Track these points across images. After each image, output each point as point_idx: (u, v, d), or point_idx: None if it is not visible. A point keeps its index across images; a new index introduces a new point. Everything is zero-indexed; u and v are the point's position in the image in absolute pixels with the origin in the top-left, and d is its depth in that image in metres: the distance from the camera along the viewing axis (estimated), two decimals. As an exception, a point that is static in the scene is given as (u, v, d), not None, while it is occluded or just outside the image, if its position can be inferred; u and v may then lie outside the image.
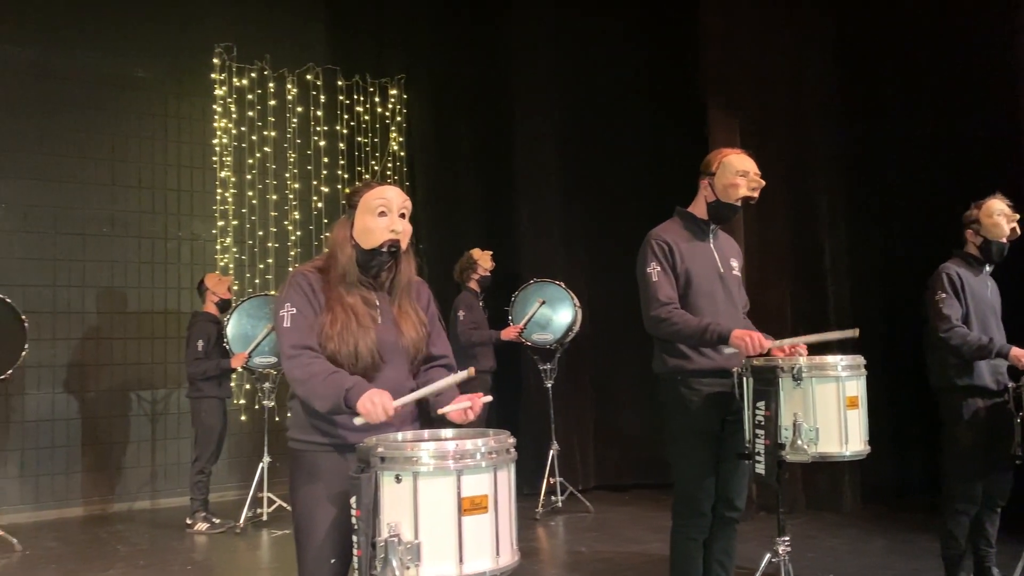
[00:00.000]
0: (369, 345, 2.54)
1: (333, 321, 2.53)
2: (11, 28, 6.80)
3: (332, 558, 2.49)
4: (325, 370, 2.45)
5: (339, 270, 2.60)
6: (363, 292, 2.61)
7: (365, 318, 2.57)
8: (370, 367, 2.53)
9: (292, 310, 2.55)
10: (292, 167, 7.87)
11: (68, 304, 6.95)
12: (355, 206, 2.65)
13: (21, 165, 6.83)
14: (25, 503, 6.67)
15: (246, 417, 7.36)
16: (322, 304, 2.56)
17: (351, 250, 2.61)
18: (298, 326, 2.53)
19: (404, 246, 2.63)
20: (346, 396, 2.39)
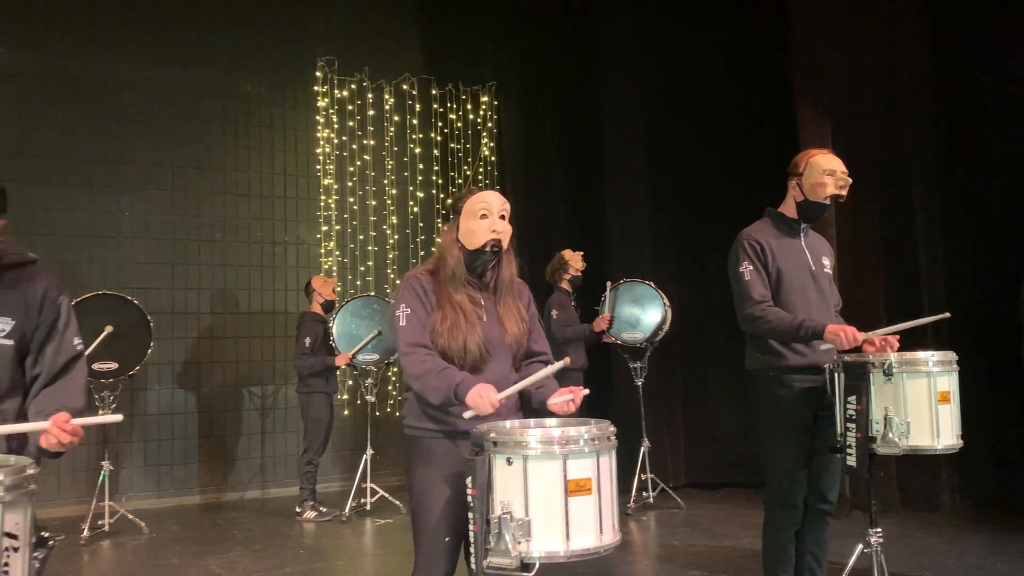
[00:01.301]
0: (477, 341, 2.75)
1: (443, 319, 2.76)
2: (133, 49, 7.32)
3: (446, 536, 2.70)
4: (437, 366, 2.67)
5: (448, 271, 2.83)
6: (469, 291, 2.82)
7: (472, 315, 2.78)
8: (478, 361, 2.75)
9: (407, 310, 2.79)
10: (389, 173, 8.21)
11: (185, 305, 7.44)
12: (459, 211, 2.86)
13: (142, 176, 7.35)
14: (149, 490, 7.18)
15: (349, 411, 7.73)
16: (433, 304, 2.79)
17: (457, 252, 2.83)
18: (412, 325, 2.77)
19: (505, 246, 2.83)
20: (456, 390, 2.60)
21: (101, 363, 5.93)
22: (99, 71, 7.19)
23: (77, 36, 7.12)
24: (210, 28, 7.63)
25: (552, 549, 2.36)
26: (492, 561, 2.36)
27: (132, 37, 7.32)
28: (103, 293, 6.13)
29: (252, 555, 5.44)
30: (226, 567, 5.11)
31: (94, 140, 7.16)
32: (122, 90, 7.28)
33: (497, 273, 2.86)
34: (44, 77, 6.99)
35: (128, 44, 7.30)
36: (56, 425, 2.13)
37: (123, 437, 7.05)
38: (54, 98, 7.02)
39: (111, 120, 7.22)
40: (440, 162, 8.44)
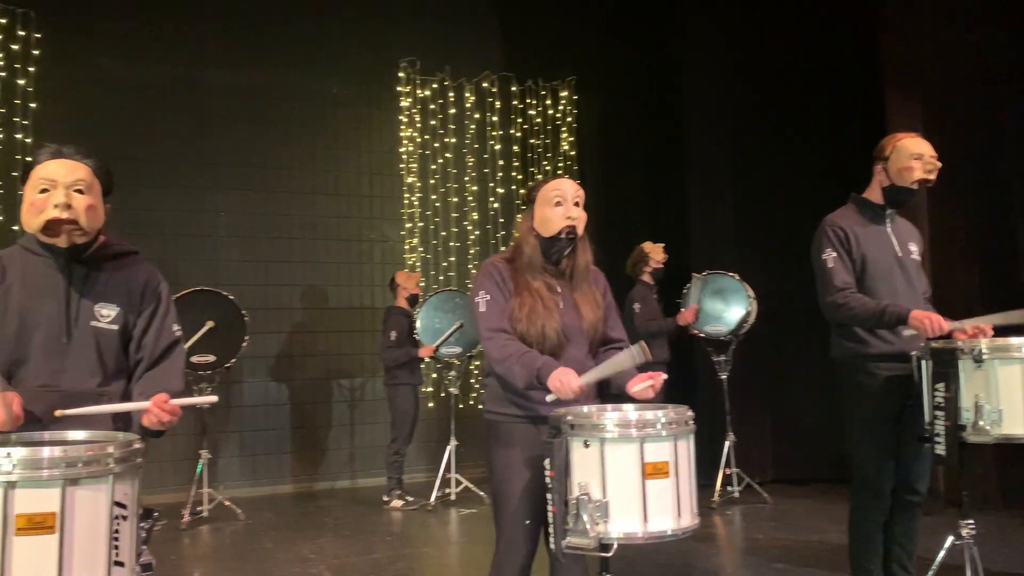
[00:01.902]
0: (555, 327, 2.80)
1: (521, 305, 2.81)
2: (227, 55, 7.63)
3: (527, 519, 2.76)
4: (519, 350, 2.73)
5: (525, 259, 2.88)
6: (546, 279, 2.87)
7: (549, 302, 2.83)
8: (555, 347, 2.79)
9: (487, 296, 2.85)
10: (470, 170, 8.34)
11: (278, 301, 7.72)
12: (534, 200, 2.91)
13: (236, 177, 7.66)
14: (244, 479, 7.48)
15: (434, 404, 7.89)
16: (511, 290, 2.85)
17: (534, 240, 2.87)
18: (492, 311, 2.83)
19: (580, 232, 2.87)
20: (538, 373, 2.65)
21: (200, 356, 6.21)
22: (195, 78, 7.52)
23: (175, 45, 7.46)
24: (299, 34, 7.88)
25: (630, 530, 2.39)
26: (571, 541, 2.41)
27: (226, 44, 7.63)
28: (201, 289, 6.42)
29: (342, 541, 5.62)
30: (317, 552, 5.30)
31: (192, 144, 7.49)
32: (217, 95, 7.60)
33: (573, 260, 2.90)
34: (146, 85, 7.35)
35: (222, 51, 7.61)
36: (156, 405, 2.27)
37: (220, 427, 7.37)
38: (154, 105, 7.38)
39: (207, 124, 7.55)
40: (520, 158, 8.52)
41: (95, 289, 2.39)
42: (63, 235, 2.30)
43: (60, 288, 2.36)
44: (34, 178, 2.31)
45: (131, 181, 7.10)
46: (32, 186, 2.30)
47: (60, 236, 2.30)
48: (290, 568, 4.92)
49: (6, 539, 1.76)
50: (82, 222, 2.30)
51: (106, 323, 2.38)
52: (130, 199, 7.05)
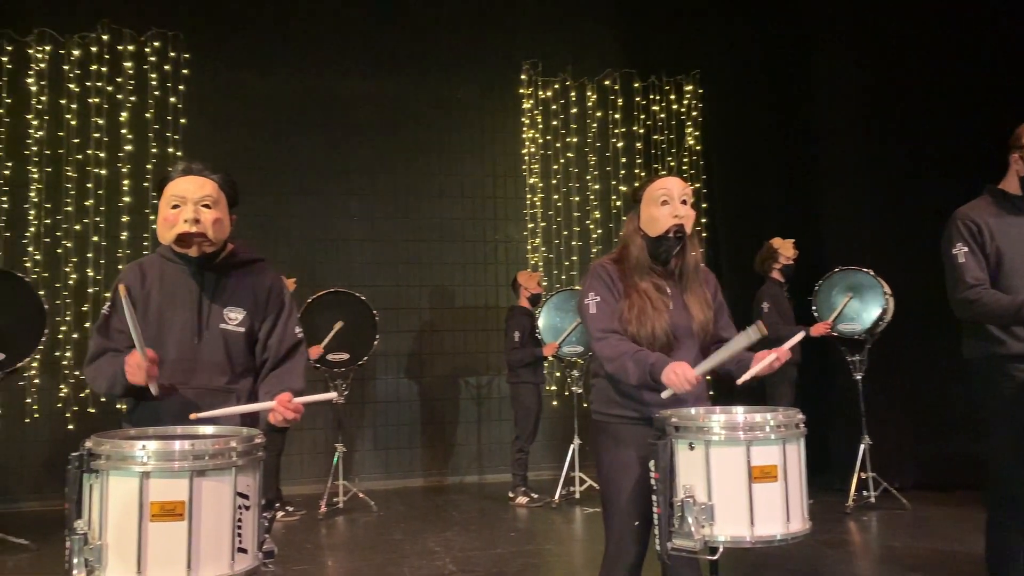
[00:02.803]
0: (664, 327, 2.78)
1: (631, 306, 2.81)
2: (355, 65, 7.95)
3: (636, 520, 2.76)
4: (631, 348, 2.74)
5: (632, 260, 2.87)
6: (654, 279, 2.85)
7: (658, 302, 2.81)
8: (665, 347, 2.77)
9: (596, 298, 2.87)
10: (592, 169, 8.34)
11: (408, 301, 7.99)
12: (640, 199, 2.89)
13: (368, 183, 7.98)
14: (378, 472, 7.78)
15: (558, 403, 7.95)
16: (621, 291, 2.85)
17: (640, 240, 2.86)
18: (602, 312, 2.84)
19: (688, 231, 2.82)
20: (651, 370, 2.65)
21: (334, 354, 6.53)
22: (327, 88, 7.89)
23: (309, 59, 7.84)
24: (426, 43, 8.11)
25: (737, 534, 2.36)
26: (676, 543, 2.41)
27: (355, 55, 7.95)
28: (335, 291, 6.74)
29: (467, 535, 5.76)
30: (443, 545, 5.46)
31: (325, 152, 7.86)
32: (347, 104, 7.94)
33: (682, 260, 2.86)
34: (282, 98, 7.77)
35: (352, 62, 7.94)
36: (280, 404, 2.43)
37: (354, 423, 7.70)
38: (290, 116, 7.78)
39: (339, 133, 7.90)
40: (643, 155, 8.45)
41: (224, 294, 2.58)
42: (193, 247, 2.50)
43: (193, 293, 2.56)
44: (167, 194, 2.52)
45: (269, 189, 7.55)
46: (165, 202, 2.51)
47: (191, 248, 2.50)
48: (417, 560, 5.09)
49: (142, 524, 1.94)
50: (210, 234, 2.49)
51: (234, 325, 2.57)
52: (269, 206, 7.48)
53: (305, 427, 7.46)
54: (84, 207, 7.13)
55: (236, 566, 2.03)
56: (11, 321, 5.39)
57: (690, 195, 2.85)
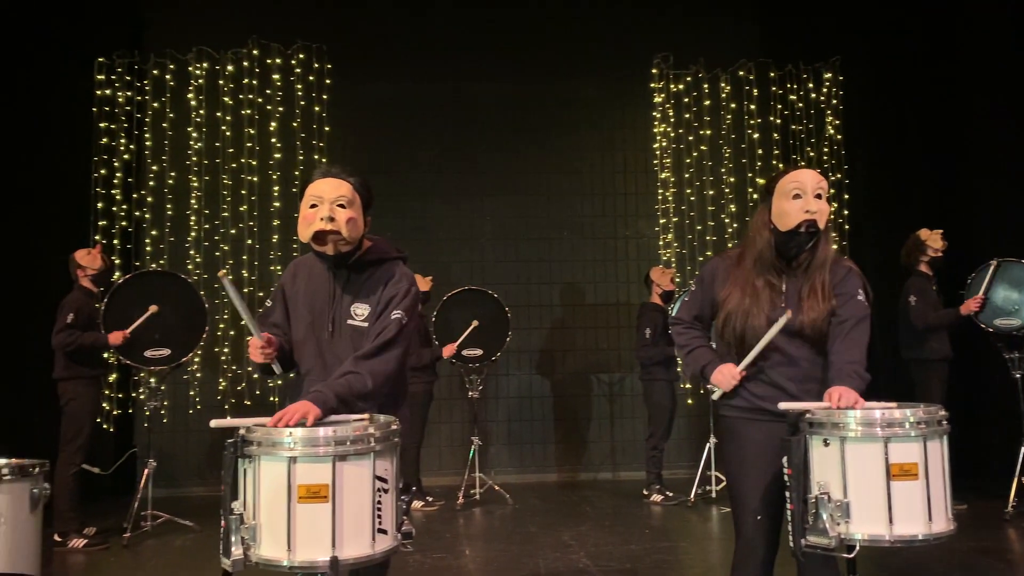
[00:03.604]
0: (756, 326, 2.73)
1: (737, 302, 2.79)
2: (489, 69, 8.13)
3: (759, 514, 2.73)
4: (689, 344, 2.88)
5: (755, 254, 2.81)
6: (770, 277, 2.78)
7: (764, 301, 2.74)
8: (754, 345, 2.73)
9: (692, 288, 2.98)
10: (727, 162, 8.17)
11: (538, 299, 8.10)
12: (772, 192, 2.82)
13: (498, 183, 8.14)
14: (512, 466, 7.92)
15: (693, 400, 7.84)
16: (722, 285, 2.84)
17: (768, 234, 2.79)
18: (687, 302, 2.96)
19: (821, 226, 2.73)
20: (703, 371, 2.80)
21: (468, 350, 6.71)
22: (461, 92, 8.10)
23: (442, 65, 8.07)
24: (555, 43, 8.20)
25: (876, 533, 2.30)
26: (810, 540, 2.36)
27: (487, 59, 8.12)
28: (469, 289, 6.92)
29: (601, 530, 5.78)
30: (577, 539, 5.50)
31: (458, 154, 8.08)
32: (480, 107, 8.13)
33: (812, 256, 2.77)
34: (418, 103, 8.05)
35: (484, 66, 8.12)
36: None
37: (489, 417, 7.87)
38: (426, 120, 8.05)
39: (472, 135, 8.10)
40: (780, 146, 8.21)
41: (353, 291, 2.72)
42: (329, 244, 2.64)
43: (328, 290, 2.72)
44: (307, 195, 2.68)
45: (406, 191, 7.83)
46: (305, 201, 2.68)
47: (327, 245, 2.65)
48: (551, 552, 5.16)
49: (290, 505, 2.09)
50: (343, 232, 2.63)
51: (359, 321, 2.69)
52: (405, 207, 7.76)
53: (442, 420, 7.69)
54: (239, 212, 7.62)
55: (377, 546, 2.15)
56: (176, 319, 5.84)
57: (825, 189, 2.77)
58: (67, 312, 5.50)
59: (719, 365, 2.74)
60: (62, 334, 5.44)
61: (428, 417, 6.79)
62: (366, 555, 2.14)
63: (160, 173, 7.65)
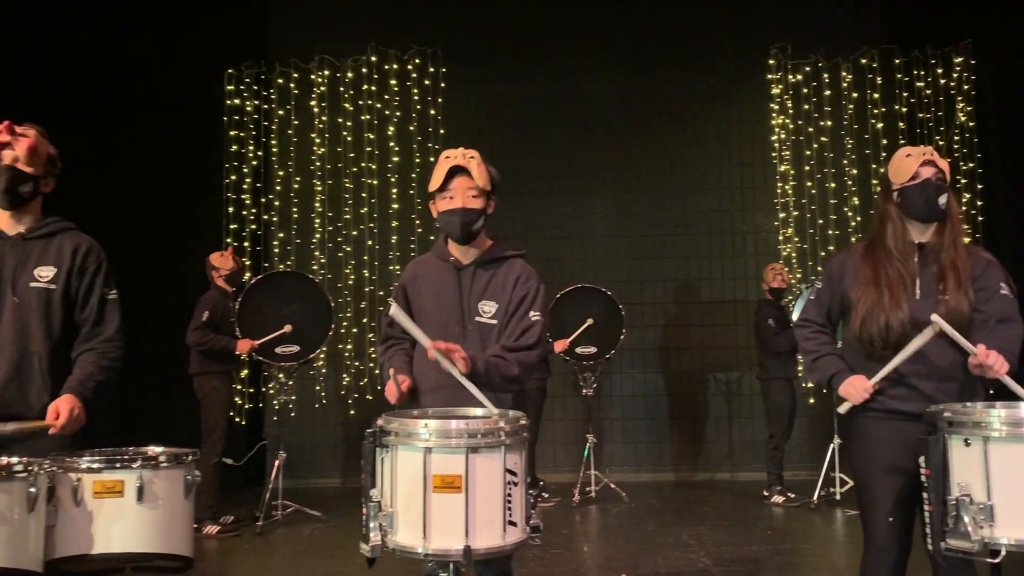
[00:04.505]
0: (900, 319, 2.62)
1: (866, 296, 2.69)
2: (596, 66, 8.12)
3: (890, 516, 2.65)
4: (815, 351, 2.76)
5: (885, 239, 2.72)
6: (903, 265, 2.68)
7: (899, 293, 2.64)
8: (900, 339, 2.61)
9: (818, 286, 2.87)
10: (849, 153, 7.89)
11: (652, 296, 8.03)
12: (888, 170, 2.77)
13: (611, 180, 8.12)
14: (628, 465, 7.89)
15: (815, 400, 7.61)
16: (851, 282, 2.74)
17: (894, 210, 2.73)
18: (813, 301, 2.85)
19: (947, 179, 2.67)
20: (830, 380, 2.70)
21: (582, 347, 6.73)
22: (571, 90, 8.12)
23: (553, 64, 8.12)
24: (666, 37, 8.12)
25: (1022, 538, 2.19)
26: (950, 543, 2.28)
27: (597, 56, 8.12)
28: (582, 286, 6.94)
29: (721, 531, 5.70)
30: (696, 539, 5.45)
31: (570, 152, 8.11)
32: (592, 104, 8.13)
33: (941, 239, 2.67)
34: (530, 103, 8.12)
35: (595, 63, 8.12)
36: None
37: (604, 415, 7.87)
38: (537, 119, 8.11)
39: (582, 133, 8.11)
40: (907, 135, 7.86)
41: (479, 288, 2.80)
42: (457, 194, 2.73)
43: (455, 289, 2.80)
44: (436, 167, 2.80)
45: (521, 189, 7.90)
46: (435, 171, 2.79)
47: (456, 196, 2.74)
48: (671, 552, 5.13)
49: (426, 494, 2.16)
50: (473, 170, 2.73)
51: (487, 318, 2.77)
52: (520, 205, 7.83)
53: (556, 418, 7.74)
54: (360, 214, 7.89)
55: (507, 538, 2.21)
56: (304, 317, 6.10)
57: (946, 169, 2.70)
58: (202, 310, 5.84)
59: (848, 376, 2.63)
60: (197, 332, 5.78)
61: (542, 414, 6.85)
62: (497, 546, 2.20)
63: (286, 178, 8.00)
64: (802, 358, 2.83)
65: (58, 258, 2.73)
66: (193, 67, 7.37)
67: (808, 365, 2.80)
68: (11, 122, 2.70)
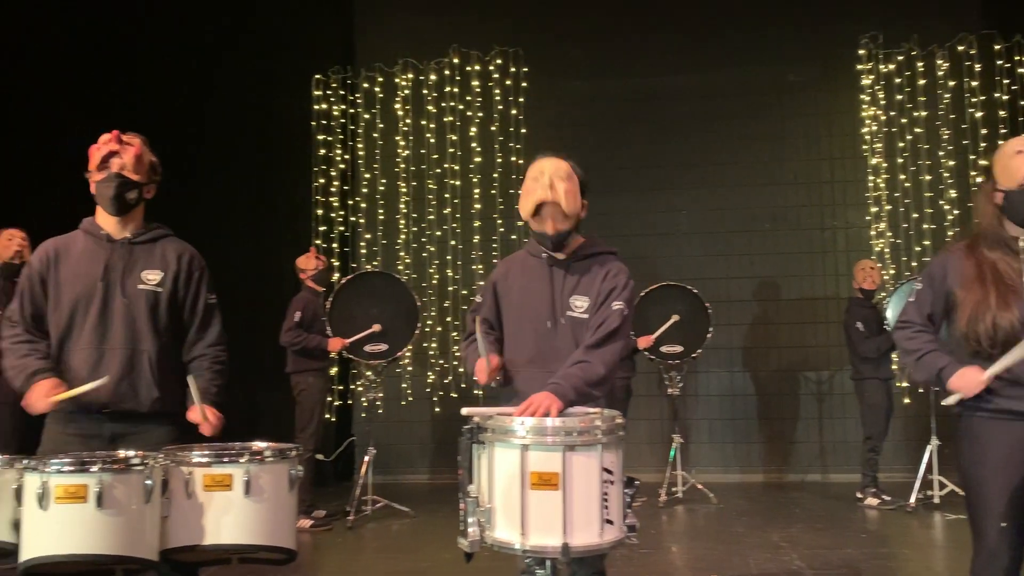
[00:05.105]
0: (1011, 320, 2.50)
1: (970, 295, 2.58)
2: (683, 62, 8.01)
3: (1002, 521, 2.54)
4: (921, 348, 2.64)
5: (986, 236, 2.62)
6: (1007, 258, 2.57)
7: (1008, 292, 2.53)
8: (1010, 338, 2.49)
9: (919, 286, 2.74)
10: (945, 144, 7.60)
11: (739, 293, 7.89)
12: (994, 163, 2.66)
13: (695, 176, 8.01)
14: (715, 465, 7.77)
15: (910, 400, 7.36)
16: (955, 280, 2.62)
17: (994, 209, 2.61)
18: (915, 302, 2.73)
19: None
20: (939, 374, 2.57)
21: (668, 346, 6.66)
22: (653, 86, 8.05)
23: (632, 61, 8.05)
24: (749, 31, 7.95)
25: None
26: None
27: (680, 50, 8.02)
28: (667, 284, 6.86)
29: (813, 533, 5.57)
30: (788, 541, 5.33)
31: (653, 148, 8.03)
32: (674, 101, 8.03)
33: None
34: (610, 100, 8.08)
35: (676, 57, 8.02)
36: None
37: (690, 415, 7.77)
38: (618, 117, 8.06)
39: (666, 128, 8.03)
40: (1008, 124, 7.51)
41: (571, 284, 2.81)
42: (548, 219, 2.74)
43: (547, 285, 2.82)
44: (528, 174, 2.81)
45: (604, 188, 7.81)
46: (527, 177, 2.80)
47: (546, 221, 2.74)
48: (762, 553, 5.03)
49: (523, 491, 2.18)
50: (563, 204, 2.73)
51: (579, 313, 2.78)
52: (603, 203, 7.76)
53: (640, 417, 7.67)
54: (443, 215, 7.99)
55: (604, 536, 2.21)
56: (392, 316, 6.22)
57: None
58: (294, 311, 6.02)
59: (958, 368, 2.53)
60: (290, 333, 5.96)
61: (627, 413, 6.79)
62: (595, 544, 2.20)
63: (372, 180, 8.16)
64: (904, 359, 2.72)
65: (164, 263, 2.85)
66: (282, 74, 7.59)
67: (912, 365, 2.69)
68: (118, 132, 2.83)
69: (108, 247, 2.81)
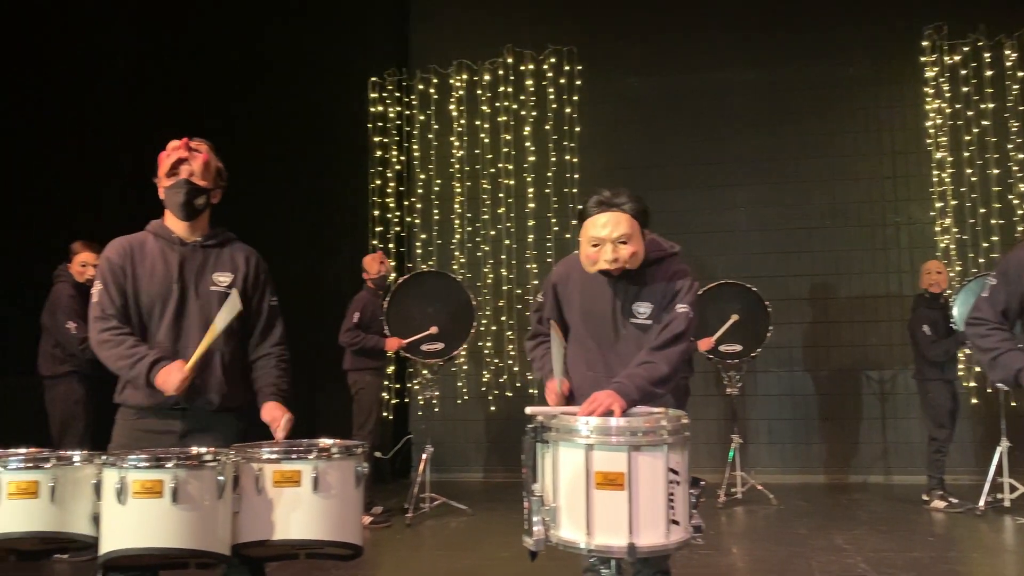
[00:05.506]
0: None
1: None
2: (737, 57, 7.91)
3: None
4: (998, 347, 2.58)
5: None
6: None
7: None
8: None
9: (992, 282, 2.70)
10: (1015, 137, 7.37)
11: (799, 291, 7.76)
12: None
13: (753, 173, 7.90)
14: (774, 466, 7.65)
15: (977, 400, 7.16)
16: None
17: None
18: (988, 298, 2.67)
19: None
20: (1017, 376, 2.52)
21: (727, 345, 6.58)
22: (708, 81, 7.96)
23: (687, 57, 7.98)
24: (807, 24, 7.82)
25: None
26: None
27: (736, 45, 7.91)
28: (725, 282, 6.78)
29: (878, 535, 5.46)
30: (852, 543, 5.23)
31: (709, 145, 7.94)
32: (729, 96, 7.94)
33: None
34: (665, 97, 8.01)
35: (732, 53, 7.92)
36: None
37: (749, 414, 7.66)
38: (674, 113, 7.99)
39: (722, 125, 7.93)
40: (1082, 115, 7.27)
41: (634, 291, 2.79)
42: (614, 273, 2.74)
43: (610, 293, 2.81)
44: (586, 233, 2.74)
45: (660, 185, 7.82)
46: (586, 240, 2.74)
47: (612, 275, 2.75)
48: (825, 556, 4.94)
49: (588, 491, 2.18)
50: (629, 267, 2.72)
51: (643, 319, 2.76)
52: (659, 200, 7.71)
53: (698, 417, 7.57)
54: (497, 215, 8.01)
55: (671, 536, 2.20)
56: (447, 315, 6.26)
57: None
58: (354, 311, 6.10)
59: None
60: (349, 332, 6.05)
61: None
62: (661, 544, 2.19)
63: (427, 181, 8.22)
64: (979, 358, 2.65)
65: (233, 266, 2.91)
66: (339, 77, 7.69)
67: (988, 364, 2.62)
68: (187, 139, 2.89)
69: (180, 250, 2.87)
